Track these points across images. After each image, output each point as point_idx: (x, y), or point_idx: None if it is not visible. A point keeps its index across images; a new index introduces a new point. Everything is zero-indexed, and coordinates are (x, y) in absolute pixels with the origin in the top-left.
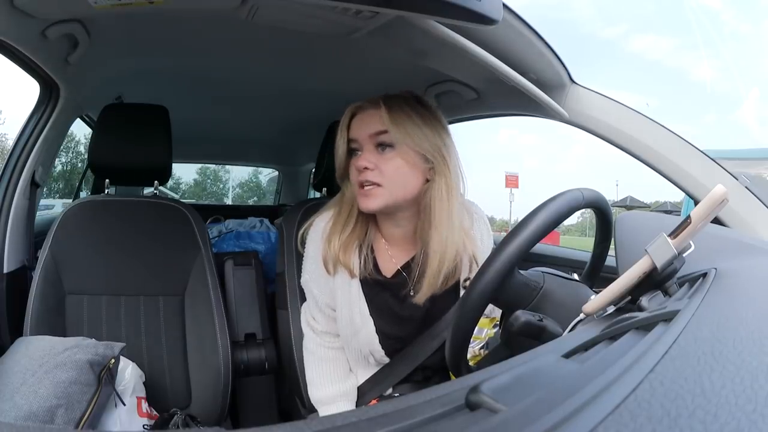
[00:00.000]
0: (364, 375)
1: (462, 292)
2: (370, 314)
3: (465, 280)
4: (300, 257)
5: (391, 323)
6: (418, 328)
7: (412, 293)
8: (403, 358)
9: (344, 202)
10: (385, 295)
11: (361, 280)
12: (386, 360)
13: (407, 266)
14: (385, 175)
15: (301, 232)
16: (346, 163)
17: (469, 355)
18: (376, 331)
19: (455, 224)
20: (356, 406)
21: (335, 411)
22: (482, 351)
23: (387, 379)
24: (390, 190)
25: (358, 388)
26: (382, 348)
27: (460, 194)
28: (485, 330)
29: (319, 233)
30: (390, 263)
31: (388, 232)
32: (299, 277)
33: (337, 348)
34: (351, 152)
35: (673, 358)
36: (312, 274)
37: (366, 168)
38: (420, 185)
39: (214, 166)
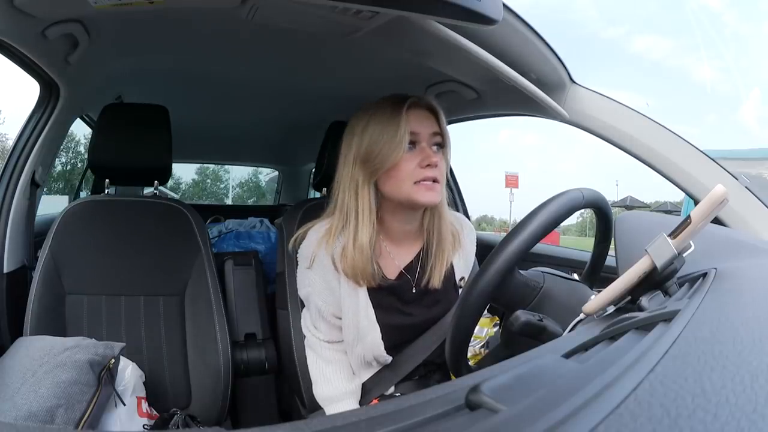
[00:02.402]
0: (366, 374)
1: (461, 291)
2: (377, 320)
3: (460, 279)
4: None
5: (395, 326)
6: (421, 329)
7: (414, 291)
8: (405, 358)
9: (361, 208)
10: (390, 298)
11: (367, 287)
12: (389, 360)
13: (409, 266)
14: (441, 172)
15: (292, 241)
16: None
17: (469, 354)
18: (382, 338)
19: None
20: (360, 403)
21: (343, 409)
22: (483, 350)
23: (389, 378)
24: (442, 186)
25: (362, 385)
26: (387, 353)
27: None
28: (486, 329)
29: (317, 245)
30: (392, 265)
31: (397, 230)
32: None
33: (341, 350)
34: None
35: (673, 358)
36: (314, 287)
37: (436, 164)
38: None
39: (213, 165)
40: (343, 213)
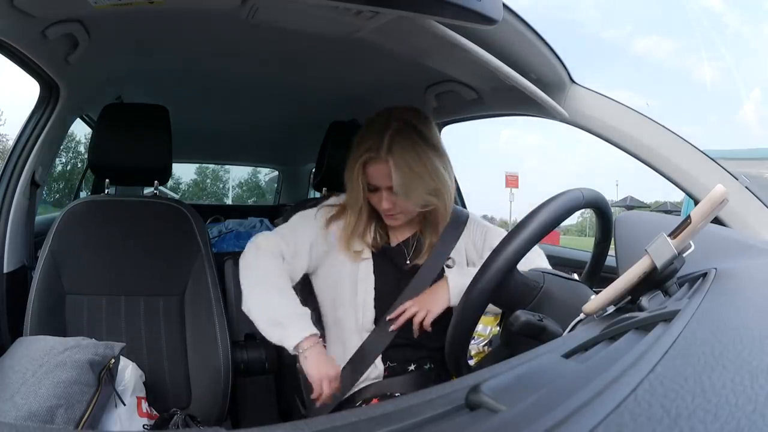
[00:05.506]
0: (355, 342)
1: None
2: (374, 288)
3: (447, 259)
4: None
5: (388, 290)
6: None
7: (408, 262)
8: (385, 325)
9: (360, 205)
10: (390, 267)
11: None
12: (372, 328)
13: (406, 241)
14: (403, 210)
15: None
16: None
17: (473, 352)
18: (374, 306)
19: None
20: (352, 377)
21: (300, 333)
22: (486, 348)
23: (375, 350)
24: (407, 215)
25: (351, 359)
26: (375, 311)
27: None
28: (489, 327)
29: (325, 218)
30: (394, 238)
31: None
32: None
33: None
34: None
35: (673, 358)
36: (296, 232)
37: (389, 209)
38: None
39: (213, 165)
40: (349, 202)
